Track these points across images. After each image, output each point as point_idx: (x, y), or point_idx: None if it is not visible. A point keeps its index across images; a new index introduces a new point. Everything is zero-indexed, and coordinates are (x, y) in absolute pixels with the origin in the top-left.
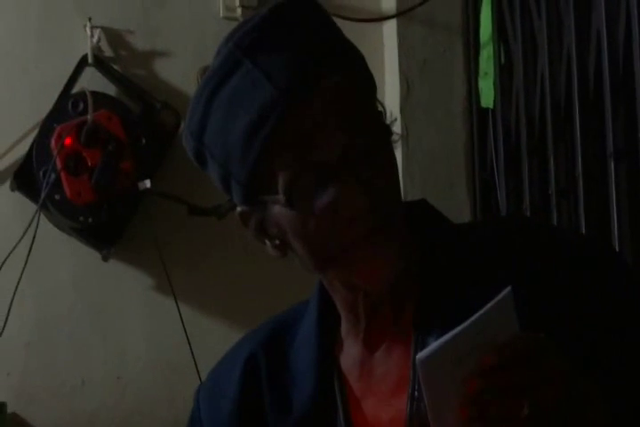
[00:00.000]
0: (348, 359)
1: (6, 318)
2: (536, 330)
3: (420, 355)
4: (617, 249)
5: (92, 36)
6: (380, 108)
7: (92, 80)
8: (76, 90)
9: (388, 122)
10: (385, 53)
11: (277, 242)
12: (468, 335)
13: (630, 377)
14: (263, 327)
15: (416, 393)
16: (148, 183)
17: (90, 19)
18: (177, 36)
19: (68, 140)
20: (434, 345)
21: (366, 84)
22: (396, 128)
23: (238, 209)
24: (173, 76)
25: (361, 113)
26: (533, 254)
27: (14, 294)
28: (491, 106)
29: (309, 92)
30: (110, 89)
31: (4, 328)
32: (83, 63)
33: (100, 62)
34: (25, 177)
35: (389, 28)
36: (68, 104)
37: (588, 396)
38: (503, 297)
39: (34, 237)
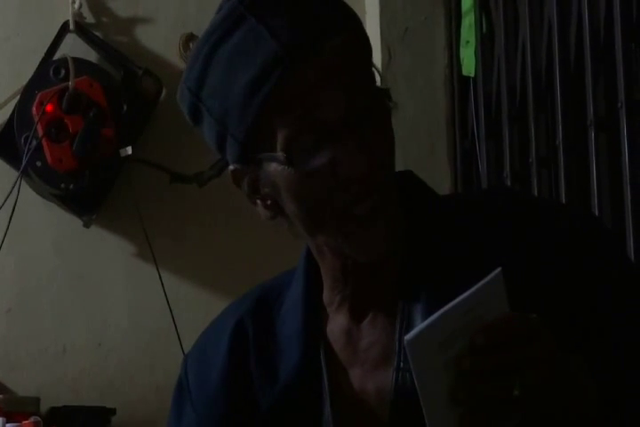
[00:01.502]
0: (335, 328)
1: None
2: (525, 308)
3: (408, 336)
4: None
5: (74, 2)
6: (376, 74)
7: (73, 47)
8: (57, 56)
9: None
10: (367, 21)
11: (269, 202)
12: (456, 315)
13: (622, 354)
14: (250, 295)
15: (401, 364)
16: (129, 150)
17: None
18: (159, 2)
19: (49, 107)
20: (421, 325)
21: (366, 48)
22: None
23: (231, 167)
24: (155, 43)
25: (362, 75)
26: (521, 229)
27: None
28: (472, 74)
29: (313, 51)
30: (92, 56)
31: None
32: (64, 30)
33: (82, 29)
34: (6, 143)
35: None
36: (49, 71)
37: (579, 376)
38: (493, 278)
39: (15, 204)
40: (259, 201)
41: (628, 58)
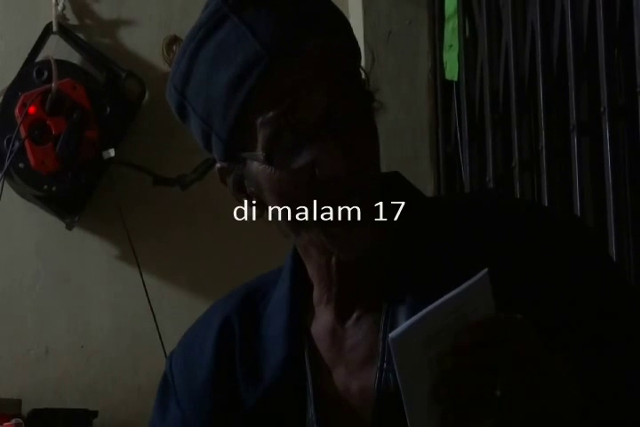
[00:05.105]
0: (320, 328)
1: None
2: (511, 309)
3: (393, 334)
4: None
5: (57, 4)
6: (363, 76)
7: (56, 48)
8: (40, 58)
9: (370, 89)
10: (350, 24)
11: (255, 201)
12: (441, 315)
13: (608, 355)
14: (237, 293)
15: (385, 365)
16: (112, 152)
17: None
18: (143, 4)
19: (32, 109)
20: (406, 324)
21: (351, 49)
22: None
23: (217, 165)
24: (139, 45)
25: (345, 76)
26: (507, 230)
27: None
28: (455, 78)
29: (295, 50)
30: (75, 57)
31: None
32: (47, 31)
33: (65, 31)
34: None
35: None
36: (32, 72)
37: (563, 377)
38: (479, 278)
39: None
40: (244, 200)
41: (611, 62)
